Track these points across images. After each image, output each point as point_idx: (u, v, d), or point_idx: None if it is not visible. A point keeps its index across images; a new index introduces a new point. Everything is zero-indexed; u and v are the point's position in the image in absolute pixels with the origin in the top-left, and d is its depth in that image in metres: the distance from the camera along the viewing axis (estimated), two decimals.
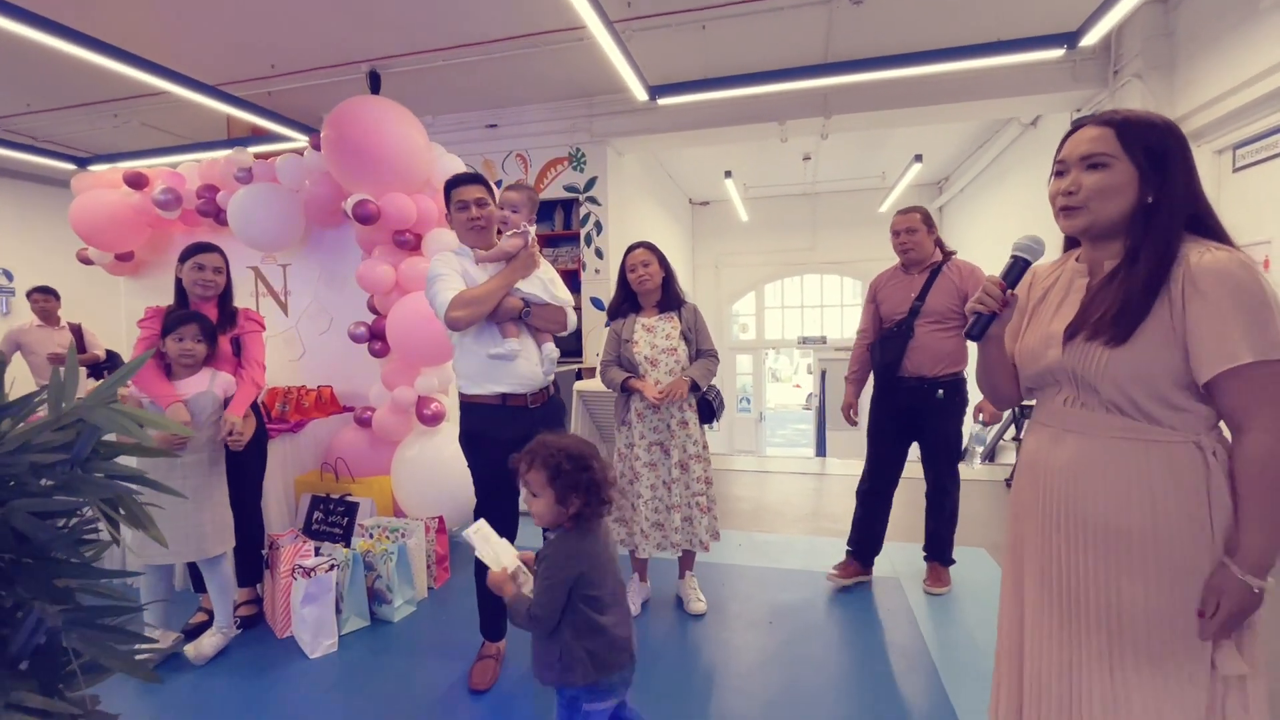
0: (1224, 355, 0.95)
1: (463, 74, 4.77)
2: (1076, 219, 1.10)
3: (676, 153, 7.56)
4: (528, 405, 2.10)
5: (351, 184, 2.95)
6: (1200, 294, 0.97)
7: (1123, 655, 1.04)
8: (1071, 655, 1.10)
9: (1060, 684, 1.11)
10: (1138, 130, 1.04)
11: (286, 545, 2.51)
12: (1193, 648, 1.00)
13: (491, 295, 2.01)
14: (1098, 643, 1.06)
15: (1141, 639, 1.03)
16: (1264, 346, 0.94)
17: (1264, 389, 0.95)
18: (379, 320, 3.14)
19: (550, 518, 1.44)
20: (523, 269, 2.09)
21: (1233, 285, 0.96)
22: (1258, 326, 0.94)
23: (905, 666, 2.19)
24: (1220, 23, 3.51)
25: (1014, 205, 6.82)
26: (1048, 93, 4.56)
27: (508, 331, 2.07)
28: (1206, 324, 0.97)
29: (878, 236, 9.95)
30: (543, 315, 2.12)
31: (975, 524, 3.76)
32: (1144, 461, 1.03)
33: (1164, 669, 1.01)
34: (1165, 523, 1.01)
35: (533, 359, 2.12)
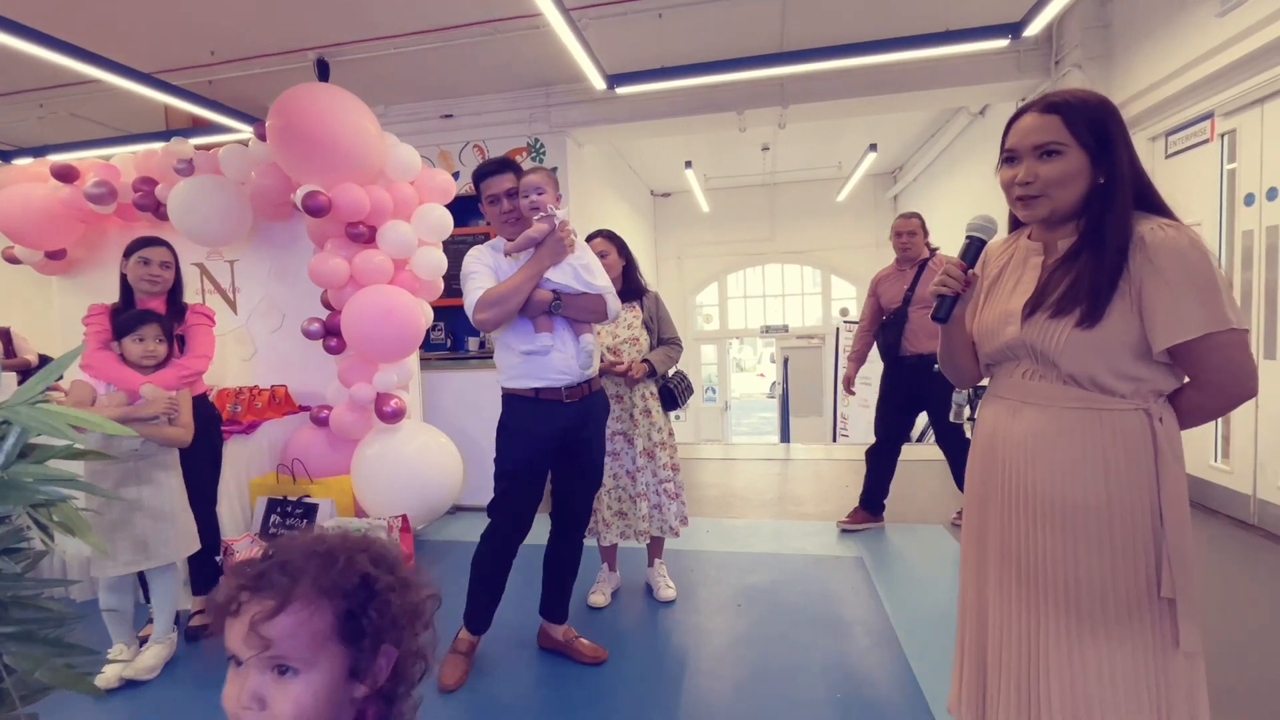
0: (1178, 329, 1.00)
1: (416, 62, 4.64)
2: (1038, 208, 1.12)
3: (637, 143, 7.54)
4: (563, 400, 1.99)
5: (300, 175, 2.85)
6: (1156, 270, 1.02)
7: (1079, 624, 1.08)
8: (1031, 625, 1.14)
9: (1021, 653, 1.15)
10: (1082, 113, 1.07)
11: (242, 550, 2.43)
12: (1145, 617, 1.05)
13: (517, 291, 1.88)
14: (1056, 612, 1.10)
15: (1097, 608, 1.07)
16: (1212, 320, 0.99)
17: (1208, 355, 1.01)
18: (333, 316, 3.05)
19: None
20: (551, 256, 1.92)
21: (1185, 262, 1.00)
22: (1207, 301, 0.99)
23: (870, 642, 2.25)
24: (1153, 15, 3.67)
25: (965, 193, 7.03)
26: (995, 82, 4.70)
27: (540, 326, 1.94)
28: (1162, 298, 1.01)
29: (836, 225, 10.17)
30: (576, 305, 1.97)
31: (933, 502, 3.88)
32: (1097, 432, 1.07)
33: (1118, 637, 1.06)
34: (1117, 493, 1.05)
35: (568, 352, 1.98)
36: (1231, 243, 3.31)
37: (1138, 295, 1.04)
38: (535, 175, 1.96)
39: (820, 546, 3.18)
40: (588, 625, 2.44)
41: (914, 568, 2.90)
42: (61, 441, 0.95)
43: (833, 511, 3.75)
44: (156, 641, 2.26)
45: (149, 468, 2.15)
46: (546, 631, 2.28)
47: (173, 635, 2.33)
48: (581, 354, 1.99)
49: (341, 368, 3.01)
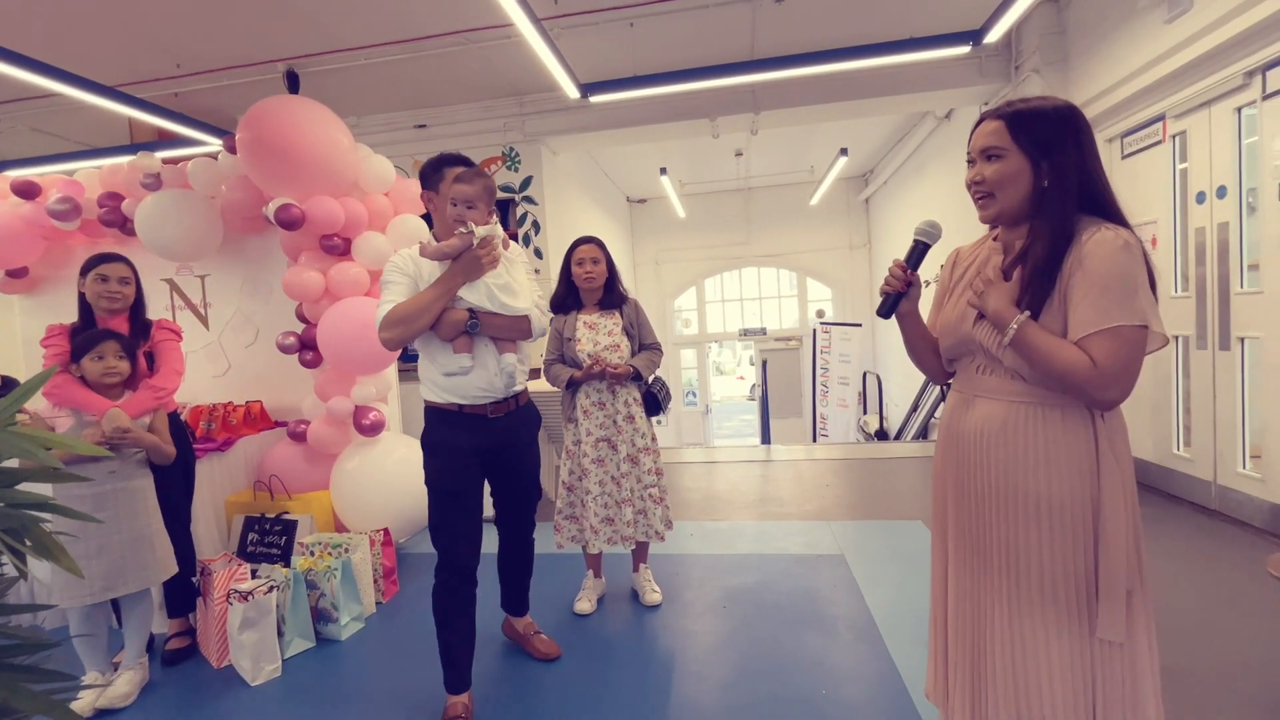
0: (1093, 320, 1.04)
1: (387, 73, 4.63)
2: (989, 208, 1.18)
3: (612, 151, 7.58)
4: (487, 415, 1.96)
5: (272, 188, 2.82)
6: (1083, 269, 1.06)
7: (1021, 610, 1.13)
8: (980, 609, 1.19)
9: (972, 628, 1.20)
10: (1025, 122, 1.12)
11: (219, 570, 2.38)
12: (1082, 608, 1.09)
13: (423, 311, 1.80)
14: (1001, 598, 1.15)
15: (1036, 595, 1.11)
16: (1122, 314, 1.03)
17: (1108, 342, 1.03)
18: (309, 329, 3.02)
19: None
20: (463, 274, 1.84)
21: (1111, 260, 1.04)
22: (1121, 297, 1.03)
23: (853, 638, 2.29)
24: (1105, 21, 3.82)
25: (933, 195, 7.18)
26: (959, 87, 4.84)
27: (459, 347, 1.87)
28: (1084, 293, 1.06)
29: (810, 229, 10.31)
30: (494, 325, 1.89)
31: (911, 498, 3.96)
32: (1041, 424, 1.12)
33: (1055, 624, 1.10)
34: (1058, 482, 1.10)
35: (489, 371, 1.92)
36: (1185, 239, 3.44)
37: (1065, 290, 1.08)
38: (471, 187, 1.85)
39: (802, 546, 3.22)
40: (574, 633, 2.44)
41: (894, 563, 2.95)
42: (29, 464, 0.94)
43: (814, 511, 3.79)
44: (129, 668, 2.20)
45: (123, 490, 2.10)
46: (510, 623, 2.37)
47: (145, 659, 2.28)
48: (503, 374, 1.93)
49: (318, 381, 2.98)
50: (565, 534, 2.59)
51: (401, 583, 2.97)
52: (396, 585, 2.92)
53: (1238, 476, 3.09)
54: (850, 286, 10.44)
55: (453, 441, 1.93)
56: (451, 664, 1.94)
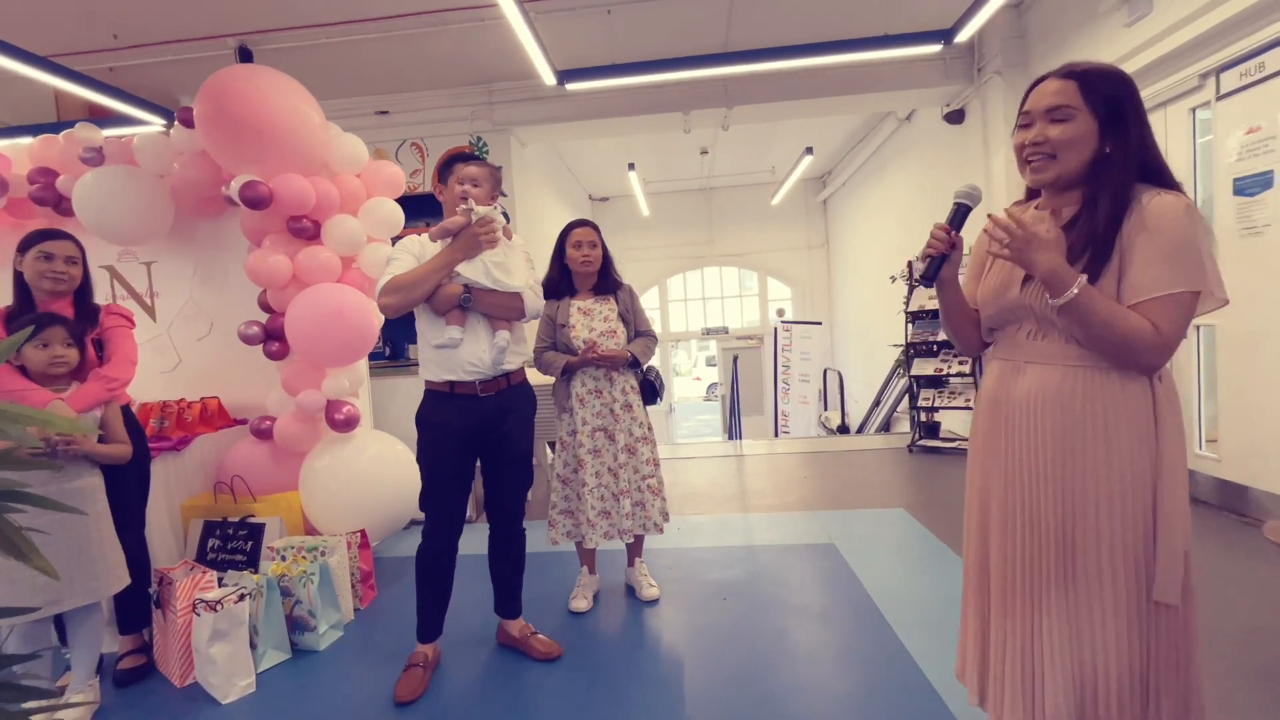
0: (1158, 281, 1.04)
1: (349, 54, 4.40)
2: (1046, 171, 1.15)
3: (577, 146, 7.48)
4: (477, 394, 1.98)
5: (235, 164, 2.60)
6: (1146, 230, 1.06)
7: (1076, 569, 1.11)
8: (1032, 574, 1.16)
9: (1023, 600, 1.16)
10: (1097, 82, 1.11)
11: (180, 579, 2.17)
12: (1138, 573, 1.07)
13: (422, 280, 1.89)
14: (1057, 560, 1.12)
15: (1092, 554, 1.09)
16: (1187, 279, 1.03)
17: (1172, 308, 1.04)
18: (274, 318, 2.81)
19: None
20: (462, 250, 1.94)
21: (1173, 226, 1.04)
22: (1186, 262, 1.03)
23: (858, 623, 2.27)
24: (1064, 25, 3.98)
25: (892, 197, 7.39)
26: (923, 87, 4.97)
27: (450, 319, 1.95)
28: (1147, 256, 1.05)
29: (771, 229, 10.46)
30: (487, 301, 1.96)
31: (888, 488, 4.01)
32: (1098, 389, 1.10)
33: (1110, 580, 1.08)
34: (1118, 448, 1.08)
35: (480, 346, 1.97)
36: None
37: (1124, 254, 1.07)
38: (477, 169, 2.00)
39: (790, 536, 3.21)
40: (573, 632, 2.34)
41: (884, 549, 2.97)
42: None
43: (795, 502, 3.80)
44: (78, 692, 1.97)
45: (68, 492, 1.87)
46: (504, 628, 2.27)
47: (95, 682, 2.04)
48: (494, 349, 1.98)
49: (285, 374, 2.77)
50: (560, 529, 2.48)
51: (379, 588, 2.79)
52: (374, 590, 2.74)
53: (1196, 458, 3.26)
54: (809, 286, 10.64)
55: (441, 420, 1.98)
56: (424, 616, 2.08)
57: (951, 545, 2.91)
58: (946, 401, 4.98)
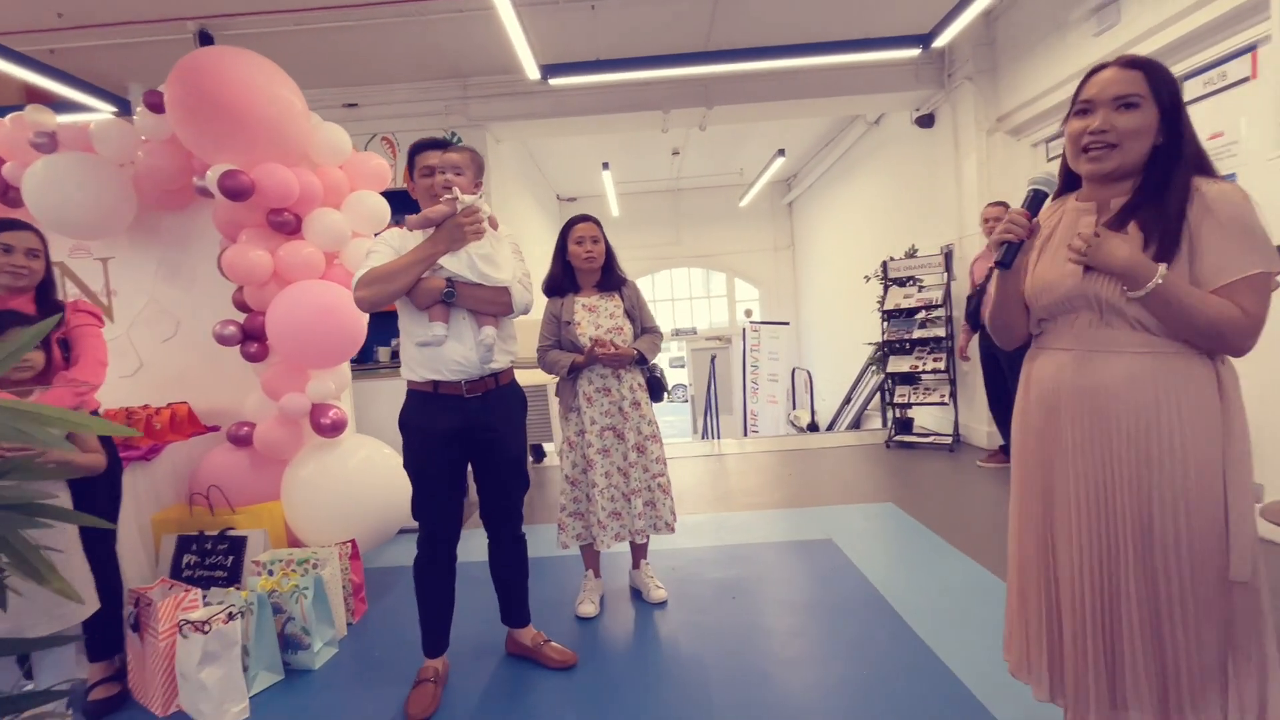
0: (1237, 266, 1.07)
1: (317, 42, 4.20)
2: (1107, 160, 1.16)
3: (549, 144, 7.37)
4: (463, 395, 1.87)
5: (212, 153, 2.43)
6: (1214, 217, 1.08)
7: (1154, 556, 1.12)
8: (1108, 563, 1.16)
9: (1100, 591, 1.17)
10: (1163, 73, 1.14)
11: (160, 598, 2.00)
12: (1215, 555, 1.09)
13: (401, 273, 1.78)
14: (1134, 547, 1.13)
15: (1171, 540, 1.10)
16: (1265, 260, 1.07)
17: (1254, 290, 1.08)
18: (253, 317, 2.63)
19: None
20: (446, 241, 1.81)
21: (1240, 210, 1.08)
22: (1260, 245, 1.08)
23: (871, 616, 2.28)
24: (1034, 34, 4.14)
25: (860, 199, 7.55)
26: (895, 91, 5.09)
27: (434, 315, 1.84)
28: (1220, 241, 1.08)
29: (738, 230, 10.56)
30: (472, 296, 1.85)
31: (874, 483, 4.08)
32: (1168, 373, 1.12)
33: (1190, 565, 1.10)
34: (1192, 432, 1.10)
35: (465, 344, 1.86)
36: None
37: (1192, 241, 1.10)
38: (459, 155, 1.89)
39: (787, 533, 3.21)
40: (582, 636, 2.27)
41: (882, 543, 3.00)
42: None
43: (785, 499, 3.81)
44: None
45: None
46: (513, 638, 2.17)
47: (68, 716, 1.86)
48: (480, 347, 1.87)
49: (266, 377, 2.60)
50: (570, 532, 2.41)
51: (369, 600, 2.65)
52: (365, 604, 2.60)
53: None
54: (775, 286, 10.79)
55: (426, 423, 1.88)
56: (429, 631, 1.98)
57: (944, 537, 2.97)
58: (921, 398, 5.10)
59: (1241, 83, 2.95)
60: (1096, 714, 1.15)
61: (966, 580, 2.51)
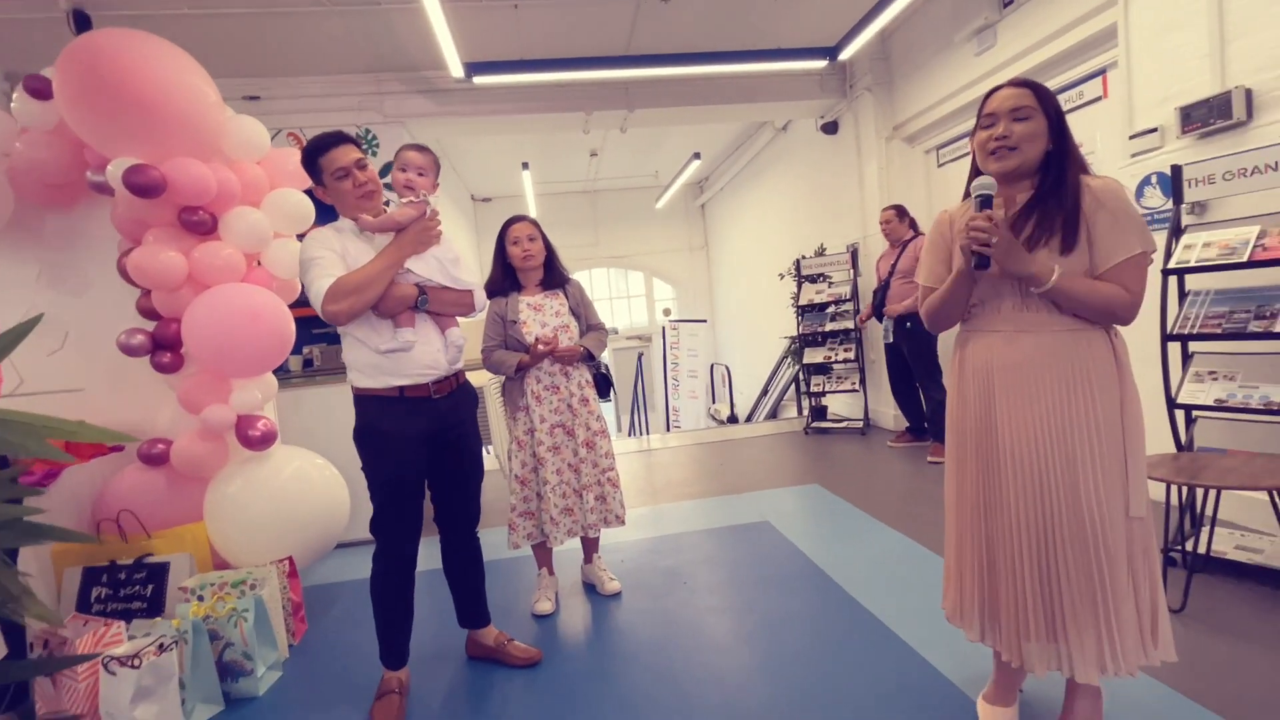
0: (1125, 247, 1.30)
1: (212, 28, 3.90)
2: (1009, 159, 1.37)
3: (466, 143, 7.20)
4: (431, 396, 1.85)
5: (111, 145, 2.21)
6: (1105, 208, 1.31)
7: (1083, 506, 1.31)
8: (1044, 513, 1.35)
9: (1036, 537, 1.36)
10: (1044, 92, 1.38)
11: (76, 635, 1.82)
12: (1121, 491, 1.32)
13: (376, 279, 1.72)
14: (1066, 498, 1.33)
15: (1094, 488, 1.31)
16: (1143, 241, 1.30)
17: (1137, 266, 1.30)
18: (164, 325, 2.43)
19: None
20: (413, 245, 1.80)
21: (1123, 200, 1.32)
22: (1141, 229, 1.31)
23: (814, 589, 2.45)
24: (923, 51, 4.56)
25: (771, 200, 7.94)
26: (804, 100, 5.42)
27: (402, 321, 1.79)
28: (1110, 229, 1.31)
29: (654, 231, 10.77)
30: (442, 300, 1.85)
31: (797, 468, 4.34)
32: (1078, 347, 1.34)
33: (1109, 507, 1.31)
34: (1098, 392, 1.32)
35: (434, 346, 1.86)
36: None
37: (1089, 230, 1.33)
38: (420, 155, 1.88)
39: (726, 518, 3.37)
40: (545, 635, 2.29)
41: (813, 521, 3.22)
42: None
43: (718, 487, 3.98)
44: None
45: None
46: (475, 639, 2.16)
47: None
48: (450, 348, 1.89)
49: (183, 389, 2.40)
50: (521, 532, 2.41)
51: (309, 620, 2.52)
52: (305, 623, 2.47)
53: None
54: (691, 285, 11.09)
55: (394, 429, 1.82)
56: (390, 643, 1.93)
57: (869, 511, 3.23)
58: (834, 386, 5.46)
59: (1095, 101, 3.42)
60: (1037, 643, 1.35)
61: (892, 548, 2.75)
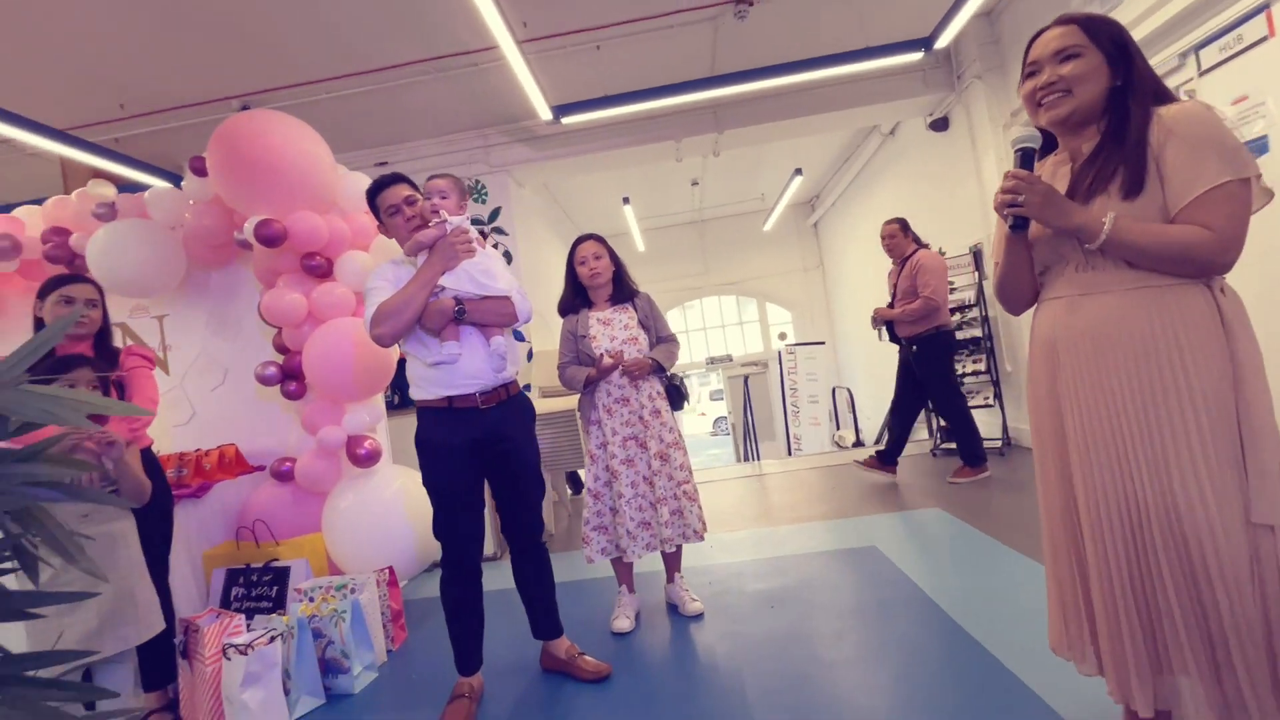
0: (1203, 177, 1.04)
1: (348, 108, 4.52)
2: (1061, 106, 1.17)
3: (571, 185, 7.62)
4: (478, 406, 1.92)
5: (248, 205, 2.63)
6: (1175, 135, 1.07)
7: (1178, 502, 1.05)
8: (1131, 515, 1.10)
9: (1125, 546, 1.10)
10: (1100, 23, 1.17)
11: (207, 625, 2.07)
12: (1234, 487, 1.02)
13: (410, 301, 1.83)
14: (1154, 495, 1.07)
15: (1191, 483, 1.04)
16: (1234, 168, 1.03)
17: (1227, 199, 1.04)
18: (291, 358, 2.78)
19: None
20: (441, 262, 1.89)
21: (1200, 121, 1.06)
22: (1227, 153, 1.04)
23: (918, 618, 2.17)
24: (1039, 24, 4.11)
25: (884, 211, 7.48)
26: (906, 99, 5.11)
27: (446, 335, 1.88)
28: (1184, 158, 1.06)
29: (765, 255, 10.59)
30: (481, 310, 1.92)
31: (920, 491, 3.92)
32: (1162, 310, 1.08)
33: (1215, 507, 1.02)
34: (1192, 362, 1.05)
35: (478, 357, 1.92)
36: None
37: (1159, 167, 1.08)
38: (442, 180, 1.98)
39: (828, 543, 3.11)
40: (621, 652, 2.23)
41: (929, 547, 2.88)
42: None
43: (827, 512, 3.70)
44: None
45: (102, 536, 1.79)
46: (548, 651, 2.16)
47: None
48: (493, 357, 1.93)
49: (305, 413, 2.73)
50: (595, 546, 2.40)
51: (409, 628, 2.68)
52: (404, 631, 2.63)
53: None
54: (808, 307, 10.69)
55: (444, 438, 1.90)
56: (461, 648, 1.98)
57: (996, 536, 2.82)
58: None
59: (1260, 43, 2.86)
60: (1139, 681, 1.07)
61: (1021, 577, 2.37)
